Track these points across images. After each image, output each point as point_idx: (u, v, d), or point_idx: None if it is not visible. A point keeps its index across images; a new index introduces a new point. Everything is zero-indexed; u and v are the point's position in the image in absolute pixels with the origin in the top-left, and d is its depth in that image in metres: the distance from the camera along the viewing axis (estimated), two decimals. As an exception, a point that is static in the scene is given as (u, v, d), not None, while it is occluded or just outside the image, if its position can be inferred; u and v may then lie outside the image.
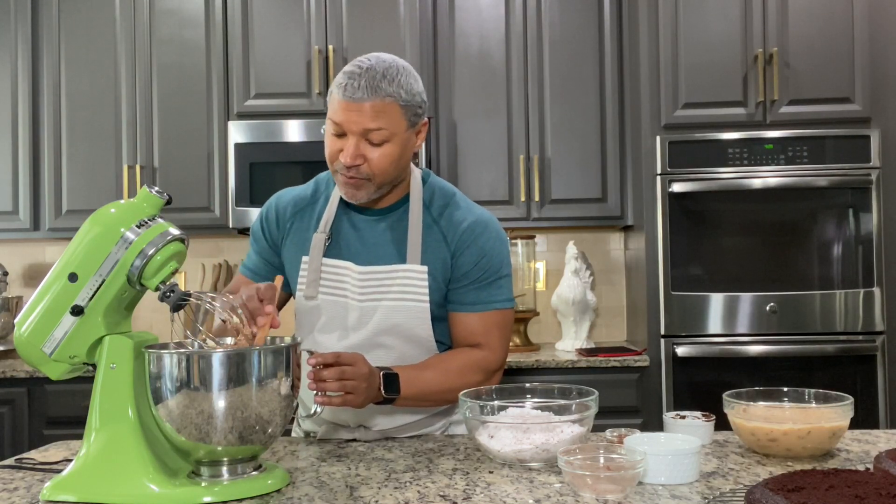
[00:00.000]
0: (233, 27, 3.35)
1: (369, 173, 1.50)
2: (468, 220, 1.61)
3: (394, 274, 1.57)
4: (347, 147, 1.47)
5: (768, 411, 1.43)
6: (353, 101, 1.45)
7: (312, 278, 1.60)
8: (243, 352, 1.19)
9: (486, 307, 1.61)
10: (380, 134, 1.47)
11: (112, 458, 1.21)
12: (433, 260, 1.59)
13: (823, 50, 3.06)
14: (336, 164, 1.51)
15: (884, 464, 1.15)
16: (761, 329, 2.99)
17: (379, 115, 1.46)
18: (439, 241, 1.60)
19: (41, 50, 3.44)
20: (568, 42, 3.39)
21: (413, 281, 1.57)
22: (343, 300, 1.59)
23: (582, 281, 3.38)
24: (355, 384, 1.40)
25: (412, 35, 3.31)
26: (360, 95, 1.45)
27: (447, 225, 1.61)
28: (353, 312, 1.58)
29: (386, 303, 1.57)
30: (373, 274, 1.58)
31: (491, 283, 1.61)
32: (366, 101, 1.45)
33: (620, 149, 3.37)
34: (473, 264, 1.59)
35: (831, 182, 2.99)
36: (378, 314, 1.57)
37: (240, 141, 3.27)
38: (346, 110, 1.46)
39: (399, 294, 1.57)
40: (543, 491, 1.20)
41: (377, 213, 1.62)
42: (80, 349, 1.25)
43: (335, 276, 1.60)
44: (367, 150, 1.48)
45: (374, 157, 1.49)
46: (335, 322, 1.61)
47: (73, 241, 1.25)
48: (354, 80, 1.46)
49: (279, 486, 1.24)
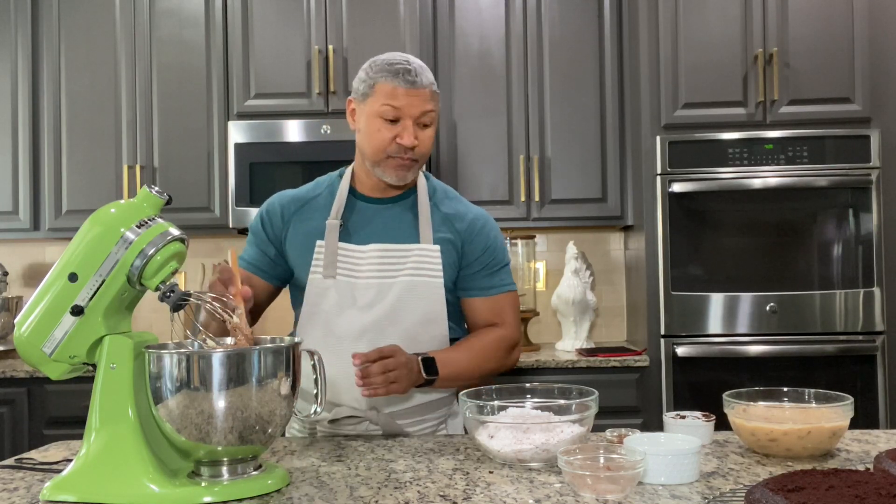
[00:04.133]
0: (233, 27, 3.35)
1: (419, 154, 1.66)
2: (472, 213, 1.77)
3: (409, 252, 1.68)
4: (407, 129, 1.62)
5: (768, 411, 1.43)
6: (414, 87, 1.62)
7: (329, 260, 1.67)
8: (243, 352, 1.19)
9: (500, 290, 1.76)
10: (431, 116, 1.66)
11: (112, 458, 1.21)
12: (443, 242, 1.71)
13: (823, 50, 3.07)
14: (390, 149, 1.64)
15: (884, 464, 1.15)
16: (761, 329, 2.99)
17: (432, 98, 1.66)
18: (448, 228, 1.72)
19: (41, 50, 3.44)
20: (568, 42, 3.39)
21: (427, 258, 1.68)
22: (359, 280, 1.67)
23: (582, 281, 3.38)
24: (398, 373, 1.53)
25: (412, 35, 3.31)
26: (420, 81, 1.63)
27: (454, 215, 1.74)
28: (370, 290, 1.67)
29: (402, 278, 1.66)
30: (389, 252, 1.68)
31: (500, 270, 1.77)
32: (424, 88, 1.64)
33: (620, 149, 3.37)
34: (482, 251, 1.74)
35: (831, 182, 2.99)
36: (395, 289, 1.66)
37: (240, 141, 3.27)
38: (407, 96, 1.62)
39: (414, 270, 1.67)
40: (543, 491, 1.20)
41: (387, 201, 1.73)
42: (80, 349, 1.25)
43: (350, 259, 1.68)
44: (418, 133, 1.65)
45: (424, 138, 1.66)
46: (351, 301, 1.67)
47: (73, 241, 1.25)
48: (411, 71, 1.63)
49: (279, 486, 1.24)
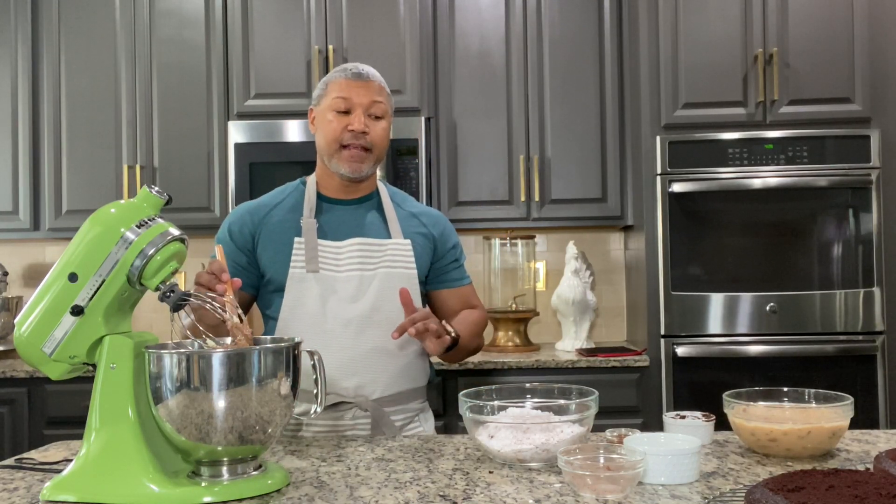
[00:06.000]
0: (233, 27, 3.35)
1: (371, 143, 1.75)
2: (436, 212, 1.93)
3: (383, 246, 1.78)
4: (356, 117, 1.73)
5: (768, 411, 1.43)
6: (360, 79, 1.76)
7: (311, 255, 1.74)
8: (243, 352, 1.19)
9: (468, 280, 1.96)
10: (381, 107, 1.76)
11: (112, 458, 1.21)
12: (417, 237, 1.83)
13: (823, 50, 3.06)
14: (343, 137, 1.74)
15: (884, 464, 1.15)
16: (761, 329, 2.99)
17: (380, 91, 1.78)
18: (419, 224, 1.85)
19: (41, 50, 3.44)
20: (568, 42, 3.39)
21: (401, 252, 1.79)
22: (339, 274, 1.75)
23: (582, 281, 3.38)
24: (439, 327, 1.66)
25: (412, 35, 3.31)
26: (367, 75, 1.77)
27: (420, 213, 1.88)
28: (351, 283, 1.74)
29: (381, 270, 1.76)
30: (367, 245, 1.77)
31: (462, 264, 1.96)
32: (372, 81, 1.77)
33: (620, 149, 3.37)
34: (452, 246, 1.91)
35: (831, 182, 2.99)
36: (376, 281, 1.75)
37: (240, 141, 3.27)
38: (354, 87, 1.75)
39: (391, 262, 1.77)
40: (543, 491, 1.20)
41: (353, 202, 1.83)
42: (80, 349, 1.25)
43: (329, 254, 1.75)
44: (369, 123, 1.75)
45: (376, 129, 1.76)
46: (333, 293, 1.74)
47: (73, 241, 1.25)
48: (360, 67, 1.78)
49: (279, 486, 1.24)
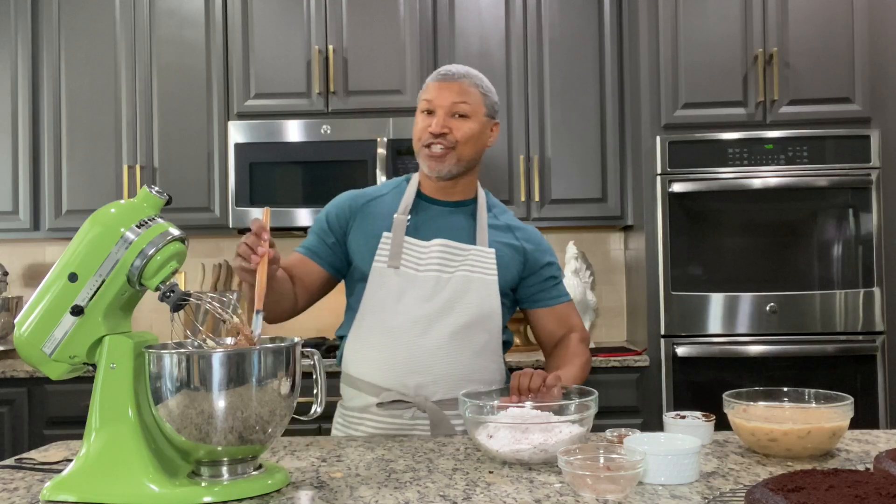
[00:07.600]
0: (233, 27, 3.35)
1: (453, 141, 1.76)
2: (531, 227, 1.92)
3: (466, 251, 1.79)
4: (437, 118, 1.75)
5: (768, 411, 1.43)
6: (444, 80, 1.78)
7: (395, 251, 1.77)
8: (243, 352, 1.19)
9: (566, 298, 1.92)
10: (464, 107, 1.76)
11: (112, 458, 1.21)
12: (505, 247, 1.83)
13: (823, 50, 3.06)
14: (424, 138, 1.77)
15: (884, 464, 1.15)
16: (761, 329, 2.99)
17: (465, 93, 1.77)
18: (512, 236, 1.85)
19: (41, 50, 3.44)
20: (568, 42, 3.39)
21: (482, 258, 1.80)
22: (419, 273, 1.77)
23: (582, 281, 3.38)
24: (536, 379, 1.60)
25: (412, 35, 3.31)
26: (452, 74, 1.78)
27: (516, 226, 1.88)
28: (428, 283, 1.76)
29: (460, 273, 1.77)
30: (450, 248, 1.79)
31: (560, 281, 1.92)
32: (455, 81, 1.78)
33: (620, 149, 3.37)
34: (547, 263, 1.88)
35: (831, 182, 2.99)
36: (452, 283, 1.77)
37: (240, 141, 3.27)
38: (438, 89, 1.77)
39: (470, 267, 1.78)
40: (543, 491, 1.20)
41: (450, 204, 1.85)
42: (80, 349, 1.25)
43: (414, 252, 1.78)
44: (452, 123, 1.76)
45: (457, 126, 1.76)
46: (410, 291, 1.76)
47: (73, 241, 1.25)
48: (449, 68, 1.80)
49: (279, 486, 1.24)
